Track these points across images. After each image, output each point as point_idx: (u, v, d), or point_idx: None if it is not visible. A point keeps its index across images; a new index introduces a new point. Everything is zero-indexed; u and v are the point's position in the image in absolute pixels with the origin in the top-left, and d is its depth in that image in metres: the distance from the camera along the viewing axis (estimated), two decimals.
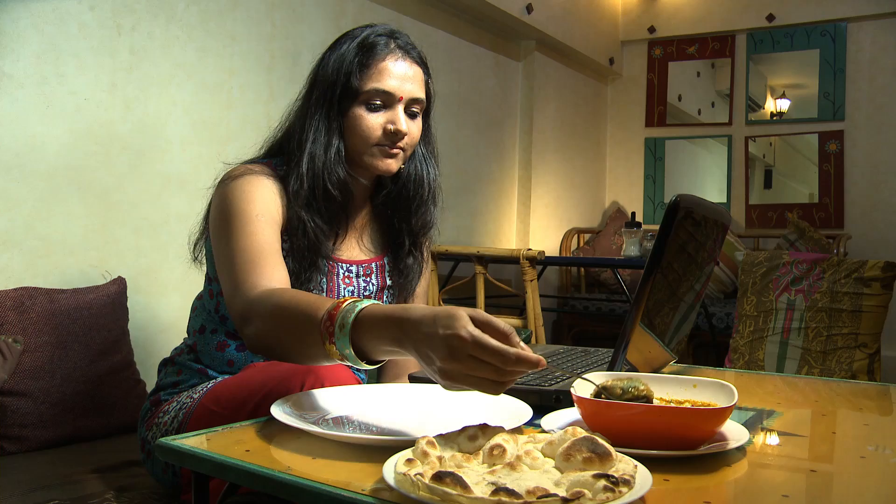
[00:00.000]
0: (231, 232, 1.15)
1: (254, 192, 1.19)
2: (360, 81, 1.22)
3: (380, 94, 1.22)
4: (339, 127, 1.24)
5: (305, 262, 1.22)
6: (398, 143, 1.24)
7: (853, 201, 4.39)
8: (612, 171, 5.19)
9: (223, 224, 1.17)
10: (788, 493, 0.72)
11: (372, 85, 1.22)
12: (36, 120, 1.94)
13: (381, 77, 1.22)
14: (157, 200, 2.24)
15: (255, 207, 1.17)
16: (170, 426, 1.22)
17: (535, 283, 2.67)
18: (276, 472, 0.73)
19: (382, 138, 1.23)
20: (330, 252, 1.26)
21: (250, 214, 1.16)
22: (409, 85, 1.24)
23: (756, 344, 2.94)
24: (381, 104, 1.23)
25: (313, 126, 1.24)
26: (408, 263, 1.36)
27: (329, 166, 1.23)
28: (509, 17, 3.83)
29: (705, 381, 0.89)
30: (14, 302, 1.69)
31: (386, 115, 1.23)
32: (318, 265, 1.23)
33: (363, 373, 1.40)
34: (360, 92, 1.22)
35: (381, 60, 1.22)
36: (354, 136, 1.24)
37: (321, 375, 1.03)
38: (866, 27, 4.37)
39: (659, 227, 1.01)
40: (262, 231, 1.15)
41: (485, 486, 0.62)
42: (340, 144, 1.25)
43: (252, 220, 1.16)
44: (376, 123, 1.23)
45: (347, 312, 0.87)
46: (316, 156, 1.23)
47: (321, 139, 1.23)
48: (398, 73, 1.23)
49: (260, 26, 2.59)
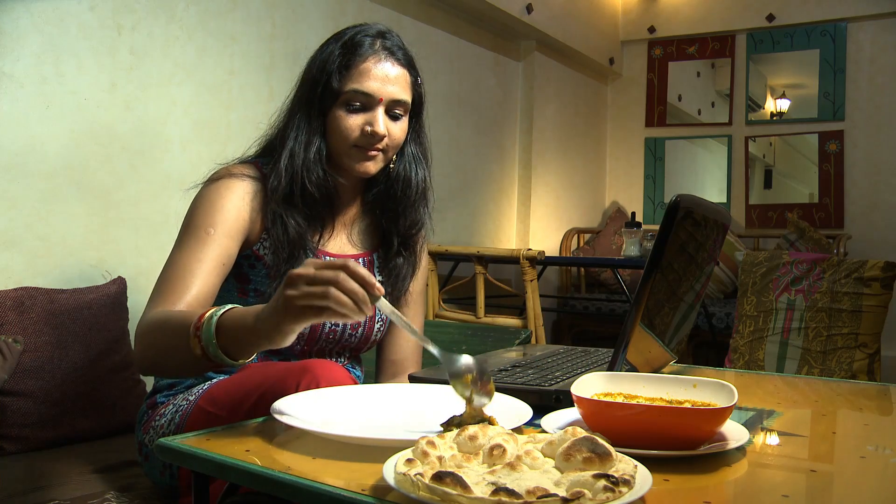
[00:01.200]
0: (177, 241, 1.21)
1: (219, 200, 1.21)
2: (341, 82, 1.22)
3: (359, 95, 1.22)
4: (320, 127, 1.25)
5: (283, 256, 1.23)
6: (376, 144, 1.24)
7: (853, 201, 4.39)
8: (612, 171, 5.19)
9: (180, 230, 1.22)
10: (788, 493, 0.72)
11: (352, 86, 1.22)
12: (36, 120, 1.94)
13: (361, 78, 1.22)
14: (157, 200, 2.24)
15: (210, 219, 1.20)
16: (166, 429, 1.22)
17: (535, 283, 2.67)
18: (276, 472, 0.73)
19: (360, 139, 1.23)
20: (314, 247, 1.27)
21: (199, 226, 1.19)
22: (391, 87, 1.23)
23: (756, 344, 2.94)
24: (361, 105, 1.23)
25: (295, 124, 1.25)
26: (397, 263, 1.36)
27: (308, 165, 1.23)
28: (509, 17, 3.83)
29: (705, 381, 0.89)
30: (14, 302, 1.69)
31: (365, 116, 1.23)
32: (296, 258, 1.23)
33: (359, 371, 1.41)
34: (341, 92, 1.22)
35: (363, 61, 1.23)
36: (334, 136, 1.25)
37: (317, 375, 1.04)
38: (866, 27, 4.37)
39: (659, 227, 1.01)
40: (201, 247, 1.17)
41: (485, 486, 0.62)
42: (321, 144, 1.25)
43: (197, 232, 1.19)
44: (354, 124, 1.23)
45: (213, 313, 0.95)
46: (296, 154, 1.23)
47: (302, 137, 1.24)
48: (379, 75, 1.23)
49: (260, 26, 2.59)
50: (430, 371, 1.16)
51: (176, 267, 1.16)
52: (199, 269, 1.16)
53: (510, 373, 1.13)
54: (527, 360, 1.25)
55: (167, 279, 1.15)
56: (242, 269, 1.27)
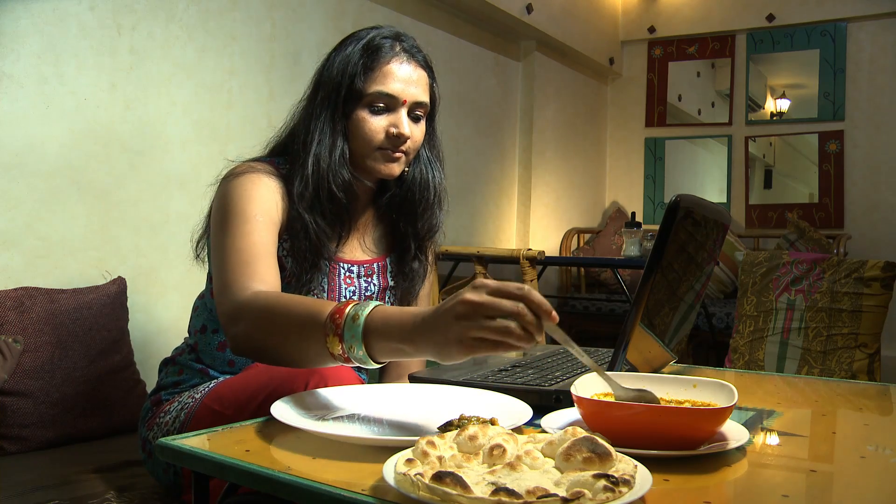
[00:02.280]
0: (227, 230, 1.15)
1: (254, 191, 1.19)
2: (365, 84, 1.21)
3: (383, 97, 1.21)
4: (343, 129, 1.24)
5: (307, 264, 1.22)
6: (400, 146, 1.24)
7: (853, 201, 4.39)
8: (612, 171, 5.19)
9: (221, 222, 1.17)
10: (788, 493, 0.72)
11: (376, 88, 1.21)
12: (36, 120, 1.94)
13: (385, 80, 1.22)
14: (157, 200, 2.24)
15: (254, 207, 1.17)
16: (171, 426, 1.22)
17: (535, 283, 2.67)
18: (276, 472, 0.73)
19: (385, 141, 1.23)
20: (332, 253, 1.26)
21: (248, 214, 1.16)
22: (414, 88, 1.23)
23: (756, 344, 2.94)
24: (385, 107, 1.22)
25: (318, 128, 1.24)
26: (413, 268, 1.36)
27: (334, 168, 1.22)
28: (509, 17, 3.83)
29: (705, 381, 0.89)
30: (14, 302, 1.69)
31: (389, 118, 1.23)
32: (319, 266, 1.23)
33: (365, 373, 1.40)
34: (364, 94, 1.22)
35: (385, 63, 1.22)
36: (358, 138, 1.24)
37: (325, 376, 1.03)
38: (866, 27, 4.38)
39: (659, 227, 1.01)
40: (258, 231, 1.14)
41: (485, 486, 0.62)
42: (345, 146, 1.24)
43: (249, 219, 1.15)
44: (379, 126, 1.22)
45: (357, 311, 0.87)
46: (321, 158, 1.22)
47: (326, 141, 1.23)
48: (402, 77, 1.23)
49: (260, 26, 2.59)
50: (431, 371, 1.16)
51: (240, 251, 1.10)
52: (265, 252, 1.12)
53: (510, 373, 1.13)
54: (527, 360, 1.25)
55: (238, 263, 1.09)
56: None
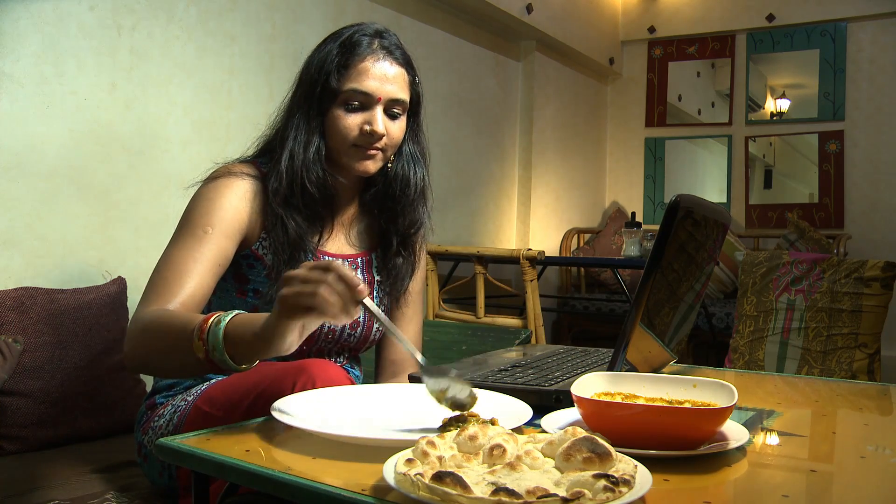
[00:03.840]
0: (172, 240, 1.19)
1: (218, 199, 1.21)
2: (339, 82, 1.22)
3: (358, 94, 1.22)
4: (319, 126, 1.25)
5: (284, 256, 1.23)
6: (375, 143, 1.24)
7: (853, 201, 4.39)
8: (612, 171, 5.19)
9: (176, 229, 1.21)
10: (788, 493, 0.72)
11: (350, 85, 1.22)
12: (36, 120, 1.94)
13: (359, 78, 1.22)
14: (157, 200, 2.24)
15: (207, 219, 1.19)
16: (165, 430, 1.22)
17: (535, 283, 2.67)
18: (276, 472, 0.73)
19: (359, 139, 1.23)
20: (314, 247, 1.27)
21: (197, 225, 1.18)
22: (389, 86, 1.24)
23: (756, 344, 2.94)
24: (360, 105, 1.23)
25: (294, 124, 1.25)
26: (396, 263, 1.36)
27: (308, 165, 1.23)
28: (509, 17, 3.83)
29: (705, 381, 0.89)
30: (14, 302, 1.69)
31: (364, 115, 1.23)
32: (297, 259, 1.23)
33: (358, 370, 1.40)
34: (339, 92, 1.22)
35: (361, 61, 1.23)
36: (333, 136, 1.25)
37: (313, 375, 1.04)
38: (866, 27, 4.38)
39: (659, 227, 1.01)
40: (199, 246, 1.16)
41: (485, 486, 0.62)
42: (321, 144, 1.25)
43: (194, 231, 1.18)
44: (353, 124, 1.23)
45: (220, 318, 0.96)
46: (295, 154, 1.23)
47: (301, 138, 1.24)
48: (378, 74, 1.23)
49: (260, 26, 2.59)
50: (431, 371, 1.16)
51: (171, 265, 1.15)
52: (195, 269, 1.15)
53: (510, 373, 1.12)
54: (527, 360, 1.25)
55: (161, 277, 1.15)
56: (241, 270, 1.27)
